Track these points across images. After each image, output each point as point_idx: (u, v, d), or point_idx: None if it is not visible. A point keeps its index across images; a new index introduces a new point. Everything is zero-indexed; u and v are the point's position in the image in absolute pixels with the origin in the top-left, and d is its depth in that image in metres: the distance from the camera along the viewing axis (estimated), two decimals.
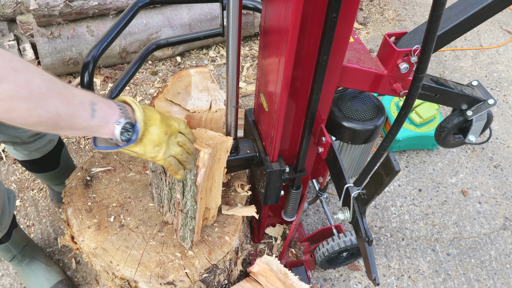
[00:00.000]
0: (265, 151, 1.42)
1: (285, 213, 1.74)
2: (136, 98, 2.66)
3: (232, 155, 1.43)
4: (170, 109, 1.44)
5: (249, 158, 1.47)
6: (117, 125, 0.94)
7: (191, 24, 2.81)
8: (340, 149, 1.60)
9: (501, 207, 2.28)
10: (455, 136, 1.76)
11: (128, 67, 1.45)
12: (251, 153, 1.46)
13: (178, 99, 1.48)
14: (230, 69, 1.16)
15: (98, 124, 0.92)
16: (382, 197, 2.28)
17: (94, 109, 0.90)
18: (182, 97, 1.49)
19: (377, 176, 1.07)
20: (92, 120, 0.90)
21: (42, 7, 2.37)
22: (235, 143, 1.40)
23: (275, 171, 1.37)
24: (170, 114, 1.40)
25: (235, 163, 1.47)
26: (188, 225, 1.35)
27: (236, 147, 1.42)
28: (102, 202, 1.52)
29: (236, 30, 1.07)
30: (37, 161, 1.73)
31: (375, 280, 1.25)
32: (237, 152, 1.45)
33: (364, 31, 3.38)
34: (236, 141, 1.39)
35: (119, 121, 0.94)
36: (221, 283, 1.52)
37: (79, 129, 0.91)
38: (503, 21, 3.54)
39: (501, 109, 2.81)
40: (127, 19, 1.35)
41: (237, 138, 1.40)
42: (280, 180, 1.42)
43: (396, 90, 1.35)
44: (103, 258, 1.36)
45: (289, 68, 1.09)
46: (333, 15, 0.98)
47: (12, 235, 1.64)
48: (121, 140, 0.96)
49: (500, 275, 2.01)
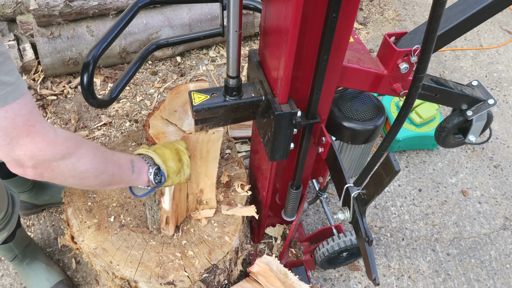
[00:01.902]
0: (272, 92, 1.22)
1: (285, 213, 1.74)
2: (136, 98, 2.66)
3: (233, 99, 1.21)
4: (165, 129, 1.41)
5: (254, 102, 1.24)
6: (150, 174, 1.17)
7: (191, 24, 2.81)
8: (340, 149, 1.60)
9: (501, 207, 2.28)
10: (455, 136, 1.76)
11: (128, 67, 1.44)
12: (257, 96, 1.24)
13: (174, 118, 1.44)
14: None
15: (137, 177, 1.15)
16: (382, 197, 2.28)
17: (133, 165, 1.13)
18: (179, 116, 1.44)
19: (377, 176, 1.07)
20: (133, 175, 1.13)
21: (42, 7, 2.37)
22: (237, 83, 1.19)
23: (285, 113, 1.17)
24: (165, 135, 1.39)
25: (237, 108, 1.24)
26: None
27: (238, 88, 1.20)
28: (102, 202, 1.52)
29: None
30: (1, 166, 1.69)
31: (375, 280, 1.24)
32: (240, 95, 1.22)
33: (364, 31, 3.38)
34: (238, 80, 1.19)
35: (150, 171, 1.17)
36: (221, 283, 1.52)
37: (123, 183, 1.13)
38: (503, 21, 3.54)
39: (501, 109, 2.81)
40: (127, 19, 1.35)
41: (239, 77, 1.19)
42: (291, 126, 1.21)
43: (396, 90, 1.36)
44: (103, 258, 1.36)
45: (289, 68, 1.09)
46: (333, 15, 0.98)
47: (16, 235, 1.64)
48: (155, 183, 1.19)
49: (500, 275, 2.01)
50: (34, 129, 0.85)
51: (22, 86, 0.83)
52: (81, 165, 0.96)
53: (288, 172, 1.58)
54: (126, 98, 2.68)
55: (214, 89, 1.22)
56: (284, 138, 1.25)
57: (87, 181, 1.00)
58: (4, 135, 0.82)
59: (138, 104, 2.63)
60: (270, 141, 1.26)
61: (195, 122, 1.23)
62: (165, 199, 1.34)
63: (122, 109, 2.60)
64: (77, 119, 2.52)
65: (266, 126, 1.28)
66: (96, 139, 2.44)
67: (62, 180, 0.96)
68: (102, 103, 1.32)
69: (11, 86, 0.79)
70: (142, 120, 2.54)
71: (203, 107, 1.18)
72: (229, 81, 1.17)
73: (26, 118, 0.83)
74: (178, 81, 2.79)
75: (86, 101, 1.28)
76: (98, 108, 2.24)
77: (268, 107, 1.21)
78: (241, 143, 2.42)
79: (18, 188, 1.86)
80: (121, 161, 1.10)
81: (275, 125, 1.19)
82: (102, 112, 2.58)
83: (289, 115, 1.18)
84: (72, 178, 0.96)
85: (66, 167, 0.93)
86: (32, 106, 0.85)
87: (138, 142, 1.71)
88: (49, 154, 0.88)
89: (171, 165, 1.22)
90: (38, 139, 0.86)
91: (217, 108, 1.20)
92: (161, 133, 1.39)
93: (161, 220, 1.40)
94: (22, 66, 2.62)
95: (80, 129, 2.48)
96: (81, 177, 0.97)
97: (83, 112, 2.57)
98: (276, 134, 1.22)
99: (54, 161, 0.90)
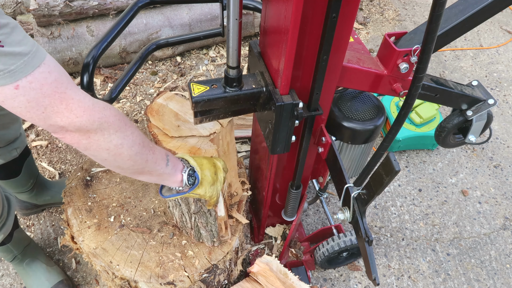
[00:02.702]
0: (273, 83, 1.20)
1: (285, 213, 1.74)
2: (136, 98, 2.66)
3: (233, 90, 1.18)
4: (189, 143, 1.32)
5: (255, 94, 1.21)
6: (184, 173, 1.13)
7: (191, 24, 2.81)
8: (340, 149, 1.60)
9: (501, 207, 2.28)
10: (455, 136, 1.76)
11: (129, 67, 1.44)
12: (257, 88, 1.21)
13: (185, 131, 1.35)
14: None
15: (170, 172, 1.10)
16: (382, 197, 2.28)
17: (168, 159, 1.10)
18: (187, 127, 1.36)
19: (377, 176, 1.07)
20: (167, 168, 1.09)
21: (42, 7, 2.37)
22: (238, 74, 1.16)
23: (287, 104, 1.14)
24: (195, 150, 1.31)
25: (238, 100, 1.21)
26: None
27: (238, 79, 1.18)
28: (102, 202, 1.52)
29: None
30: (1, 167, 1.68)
31: (375, 280, 1.24)
32: (240, 86, 1.19)
33: (364, 31, 3.38)
34: (239, 71, 1.16)
35: (184, 169, 1.14)
36: (221, 283, 1.52)
37: (155, 175, 1.08)
38: (503, 21, 3.54)
39: (501, 109, 2.81)
40: (127, 19, 1.35)
41: (240, 68, 1.16)
42: (292, 118, 1.19)
43: (396, 90, 1.35)
44: (103, 258, 1.36)
45: (289, 68, 1.08)
46: (333, 15, 0.98)
47: (14, 236, 1.64)
48: (188, 184, 1.15)
49: (500, 275, 2.01)
50: (66, 96, 0.82)
51: (41, 54, 0.80)
52: (117, 138, 0.92)
53: (288, 172, 1.58)
54: (126, 98, 2.68)
55: (214, 80, 1.20)
56: (286, 130, 1.22)
57: (120, 158, 0.96)
58: (36, 105, 0.80)
59: (138, 104, 2.63)
60: (271, 133, 1.24)
61: (194, 114, 1.20)
62: (219, 207, 1.32)
63: (122, 109, 2.60)
64: None
65: (267, 118, 1.25)
66: None
67: (97, 151, 0.93)
68: None
69: (27, 56, 0.77)
70: (142, 120, 2.54)
71: (202, 98, 1.15)
72: (229, 71, 1.15)
73: (54, 85, 0.81)
74: (178, 81, 2.79)
75: None
76: None
77: (269, 99, 1.19)
78: (241, 143, 2.42)
79: (18, 189, 1.86)
80: (155, 151, 1.06)
81: (276, 116, 1.17)
82: None
83: (290, 106, 1.15)
84: (107, 152, 0.93)
85: (102, 136, 0.90)
86: (58, 73, 0.82)
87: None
88: (86, 121, 0.86)
89: (206, 173, 1.18)
90: (73, 106, 0.84)
91: (217, 99, 1.17)
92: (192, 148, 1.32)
93: (220, 228, 1.38)
94: None
95: None
96: (115, 152, 0.94)
97: None
98: (277, 125, 1.20)
99: (92, 128, 0.88)
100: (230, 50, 1.10)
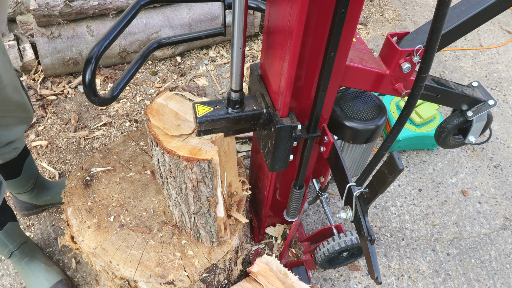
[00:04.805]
0: (273, 105, 1.26)
1: (288, 213, 1.74)
2: (136, 98, 2.66)
3: (236, 111, 1.25)
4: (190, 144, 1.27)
5: (255, 115, 1.28)
6: None
7: (191, 24, 2.81)
8: (342, 149, 1.60)
9: (501, 207, 2.28)
10: (455, 136, 1.76)
11: (130, 66, 1.43)
12: (258, 109, 1.27)
13: (185, 130, 1.31)
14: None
15: None
16: (382, 197, 2.28)
17: None
18: (187, 126, 1.33)
19: (380, 174, 1.07)
20: None
21: (42, 7, 2.36)
22: (240, 97, 1.22)
23: (285, 126, 1.21)
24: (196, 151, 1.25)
25: (239, 121, 1.27)
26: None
27: (241, 101, 1.24)
28: (102, 202, 1.51)
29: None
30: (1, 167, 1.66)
31: (377, 279, 1.24)
32: (242, 108, 1.26)
33: (364, 31, 3.38)
34: (241, 94, 1.22)
35: None
36: (221, 282, 1.52)
37: None
38: (503, 21, 3.55)
39: (501, 109, 2.81)
40: (129, 17, 1.34)
41: (242, 91, 1.23)
42: (291, 139, 1.26)
43: (398, 90, 1.36)
44: (103, 258, 1.36)
45: (293, 68, 1.08)
46: (342, 10, 0.97)
47: (6, 227, 1.61)
48: None
49: (500, 275, 2.01)
50: None
51: None
52: None
53: (289, 171, 1.58)
54: (126, 98, 2.67)
55: (217, 102, 1.26)
56: (284, 149, 1.29)
57: None
58: None
59: (138, 104, 2.63)
60: (270, 153, 1.30)
61: (198, 133, 1.25)
62: (219, 208, 1.32)
63: (122, 109, 2.60)
64: (77, 119, 2.51)
65: (266, 137, 1.32)
66: (96, 139, 2.43)
67: None
68: (103, 101, 1.31)
69: None
70: (142, 120, 2.54)
71: (206, 119, 1.21)
72: (232, 94, 1.21)
73: None
74: (178, 81, 2.79)
75: (87, 99, 1.27)
76: (100, 106, 2.23)
77: (269, 120, 1.26)
78: (241, 143, 2.42)
79: (19, 189, 1.85)
80: None
81: (275, 137, 1.24)
82: (102, 112, 2.58)
83: (289, 129, 1.22)
84: None
85: None
86: None
87: (138, 142, 1.71)
88: None
89: None
90: None
91: (220, 120, 1.23)
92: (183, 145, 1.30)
93: (220, 229, 1.38)
94: (22, 66, 2.61)
95: (80, 129, 2.47)
96: None
97: (83, 112, 2.56)
98: (276, 146, 1.27)
99: None
100: (234, 76, 1.16)
